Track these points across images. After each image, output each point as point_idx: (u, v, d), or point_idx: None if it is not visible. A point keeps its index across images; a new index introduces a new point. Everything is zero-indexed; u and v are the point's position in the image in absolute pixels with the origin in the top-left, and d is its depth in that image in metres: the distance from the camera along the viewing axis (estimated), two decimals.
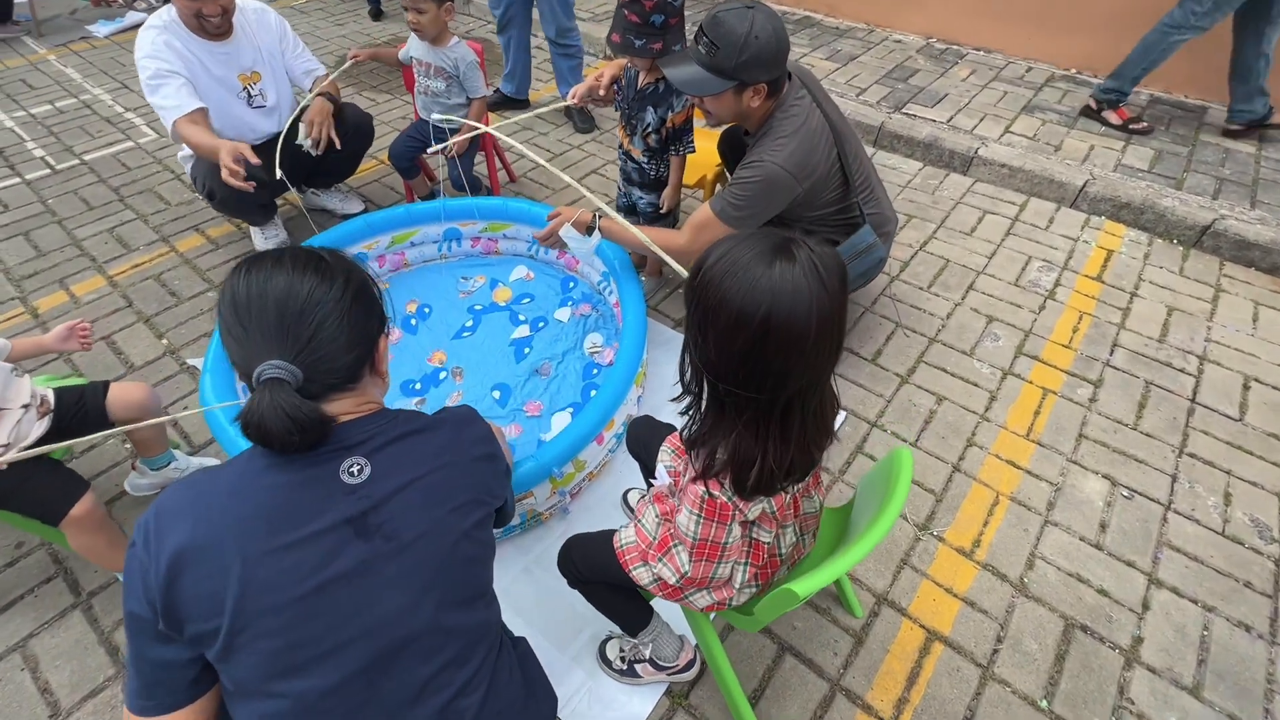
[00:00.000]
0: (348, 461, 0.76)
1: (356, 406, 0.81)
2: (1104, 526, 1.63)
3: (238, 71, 2.18)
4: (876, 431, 1.86)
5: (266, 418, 0.69)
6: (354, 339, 0.78)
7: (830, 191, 1.76)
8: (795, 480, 0.90)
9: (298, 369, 0.73)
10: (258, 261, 0.78)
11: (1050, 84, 3.47)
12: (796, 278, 0.72)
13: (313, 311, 0.75)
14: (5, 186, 2.90)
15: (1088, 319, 2.21)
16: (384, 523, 0.75)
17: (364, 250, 2.25)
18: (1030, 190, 2.81)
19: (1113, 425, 1.87)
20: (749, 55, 1.49)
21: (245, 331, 0.74)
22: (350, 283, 0.80)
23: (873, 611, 1.47)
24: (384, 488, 0.77)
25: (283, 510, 0.73)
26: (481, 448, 0.90)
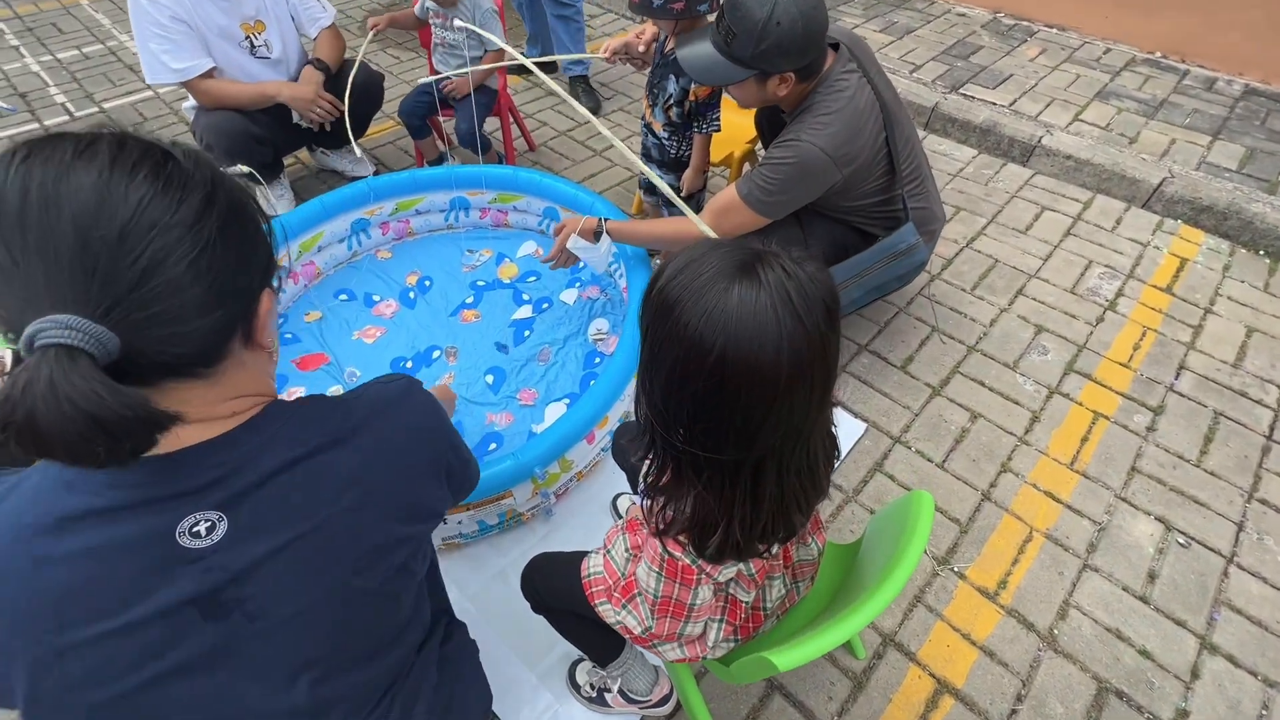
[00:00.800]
0: (189, 520, 0.52)
1: (212, 406, 0.53)
2: (1153, 577, 1.43)
3: (240, 20, 2.06)
4: (899, 448, 1.68)
5: (40, 412, 0.40)
6: (218, 292, 0.49)
7: (873, 180, 1.55)
8: (776, 543, 0.73)
9: (108, 332, 0.43)
10: (49, 146, 0.46)
11: (1130, 68, 3.13)
12: (760, 307, 0.55)
13: (143, 239, 0.45)
14: (24, 131, 2.87)
15: (1152, 336, 1.97)
16: (245, 598, 0.54)
17: (366, 216, 2.14)
18: (1097, 186, 2.54)
19: (1172, 460, 1.65)
20: (768, 44, 1.30)
21: (12, 259, 0.43)
22: (215, 200, 0.50)
23: (877, 653, 1.32)
24: (247, 554, 0.53)
25: (83, 591, 0.50)
26: (422, 450, 0.66)
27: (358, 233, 2.15)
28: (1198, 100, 2.87)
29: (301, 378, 1.79)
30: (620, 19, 3.84)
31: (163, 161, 0.48)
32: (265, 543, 0.54)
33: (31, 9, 4.03)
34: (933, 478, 1.62)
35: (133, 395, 0.43)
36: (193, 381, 0.52)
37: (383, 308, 2.00)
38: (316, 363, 1.83)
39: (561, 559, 1.03)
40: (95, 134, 0.48)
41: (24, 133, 2.86)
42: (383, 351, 1.86)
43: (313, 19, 2.22)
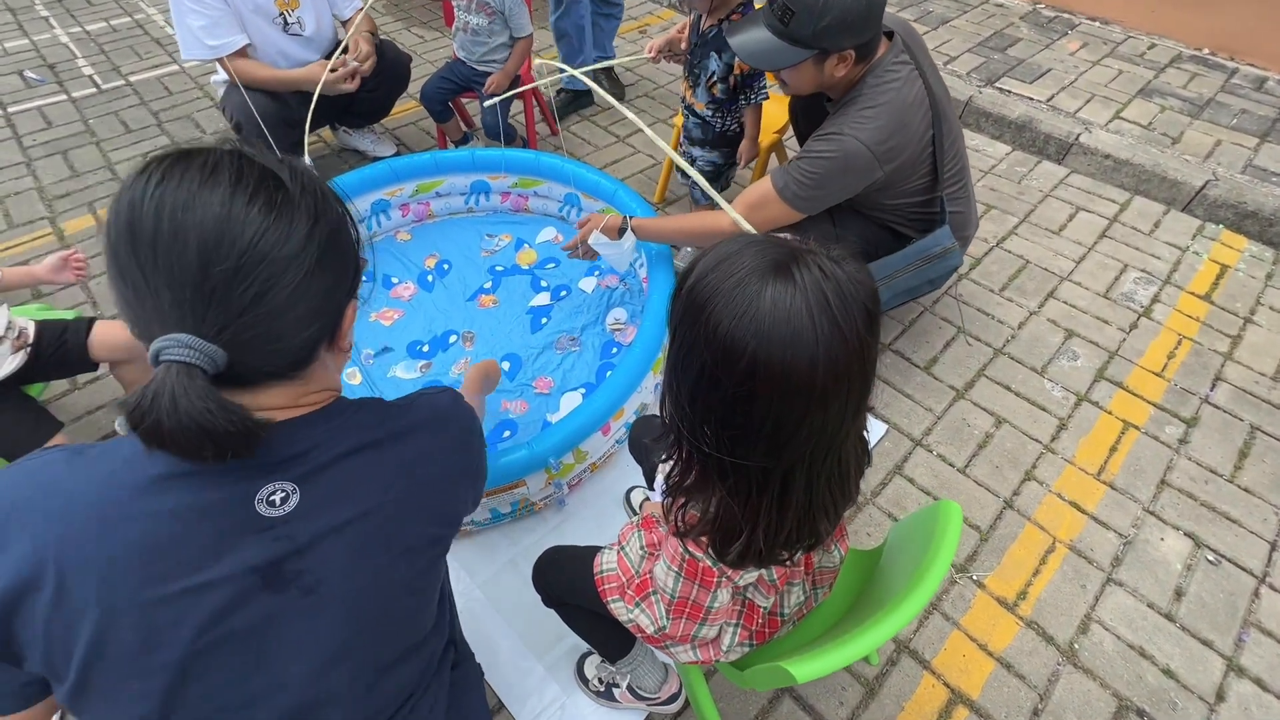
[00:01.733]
0: (269, 488, 0.56)
1: (297, 399, 0.60)
2: (1179, 594, 1.39)
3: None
4: (920, 451, 1.64)
5: (165, 419, 0.48)
6: (314, 310, 0.56)
7: (916, 180, 1.49)
8: (800, 550, 0.71)
9: (220, 350, 0.50)
10: (179, 170, 0.51)
11: (1176, 64, 3.01)
12: (795, 310, 0.52)
13: (256, 269, 0.50)
14: (52, 103, 2.89)
15: (1188, 345, 1.90)
16: (304, 571, 0.56)
17: (386, 197, 2.12)
18: (1136, 188, 2.45)
19: (1204, 474, 1.60)
20: (831, 18, 1.23)
21: (145, 280, 0.50)
22: (319, 226, 0.55)
23: (890, 659, 1.30)
24: (312, 527, 0.57)
25: (167, 549, 0.53)
26: (463, 457, 0.71)
27: (378, 214, 2.14)
28: (1246, 100, 2.75)
29: None
30: (647, 1, 3.77)
31: (275, 190, 0.53)
32: (329, 518, 0.58)
33: None
34: (954, 483, 1.58)
35: (237, 411, 0.50)
36: (287, 383, 0.59)
37: (401, 290, 1.99)
38: None
39: (574, 554, 1.01)
40: (219, 155, 0.53)
41: (51, 104, 2.88)
42: (400, 334, 1.86)
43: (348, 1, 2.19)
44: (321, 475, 0.59)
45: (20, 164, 2.54)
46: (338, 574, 0.58)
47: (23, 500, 0.54)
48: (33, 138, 2.67)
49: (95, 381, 1.77)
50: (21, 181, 2.45)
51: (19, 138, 2.67)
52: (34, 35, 3.41)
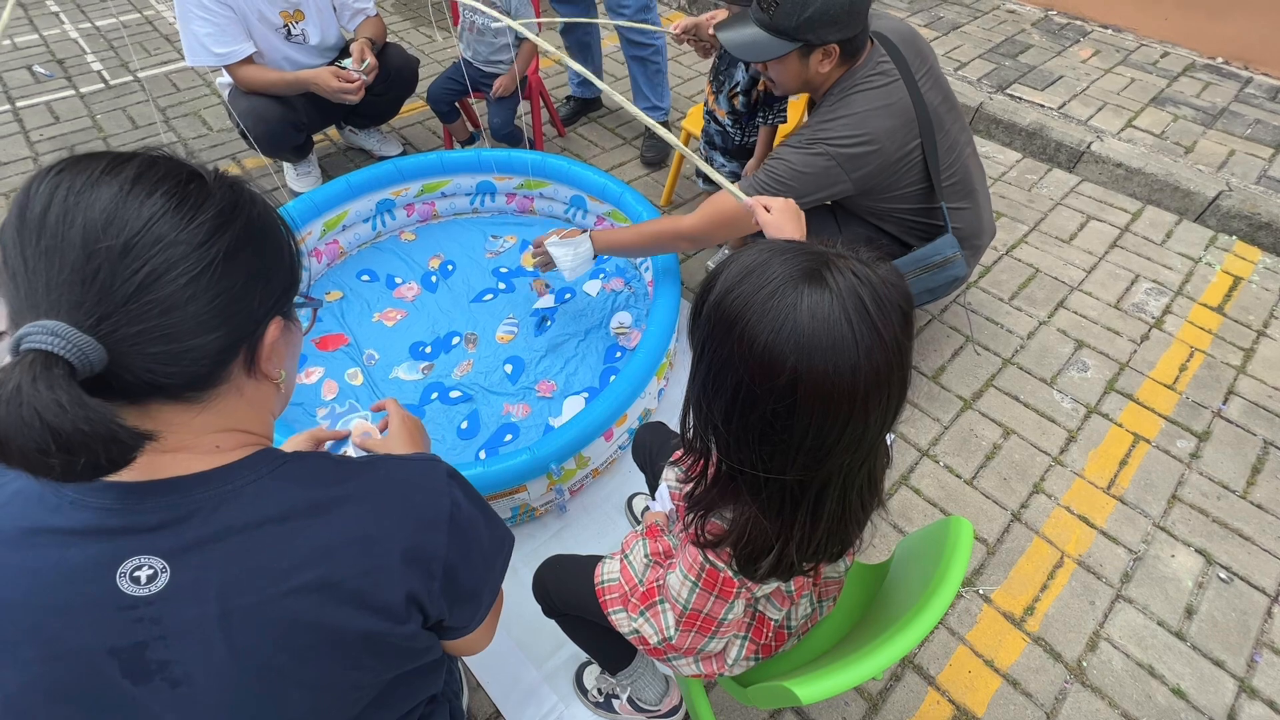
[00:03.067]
0: (132, 562, 0.47)
1: (198, 436, 0.50)
2: (1190, 612, 1.36)
3: (280, 8, 2.04)
4: (927, 462, 1.62)
5: (3, 415, 0.39)
6: (218, 312, 0.47)
7: (905, 188, 1.47)
8: (826, 561, 0.70)
9: (95, 343, 0.42)
10: (83, 163, 0.47)
11: (1189, 73, 2.98)
12: (834, 318, 0.50)
13: (147, 251, 0.44)
14: (60, 98, 2.89)
15: (1200, 357, 1.88)
16: (171, 662, 0.48)
17: (392, 197, 2.11)
18: (1148, 197, 2.42)
19: (1216, 489, 1.57)
20: (814, 9, 1.23)
21: (25, 264, 0.44)
22: (234, 220, 0.49)
23: (894, 675, 1.27)
24: (181, 614, 0.48)
25: (24, 614, 0.47)
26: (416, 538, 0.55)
27: (382, 213, 2.13)
28: (1261, 110, 2.72)
29: (321, 358, 1.78)
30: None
31: (186, 181, 0.48)
32: (205, 606, 0.48)
33: None
34: (961, 494, 1.56)
35: (97, 410, 0.41)
36: (181, 405, 0.49)
37: (404, 290, 1.98)
38: (336, 343, 1.82)
39: (575, 563, 0.99)
40: (131, 154, 0.48)
41: (60, 99, 2.88)
42: (403, 335, 1.84)
43: (355, 10, 2.19)
44: (201, 551, 0.48)
45: (27, 159, 2.54)
46: (212, 671, 0.48)
47: None
48: (40, 133, 2.68)
49: None
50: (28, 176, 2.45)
51: (26, 133, 2.67)
52: (44, 30, 3.42)
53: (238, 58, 1.97)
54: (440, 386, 1.72)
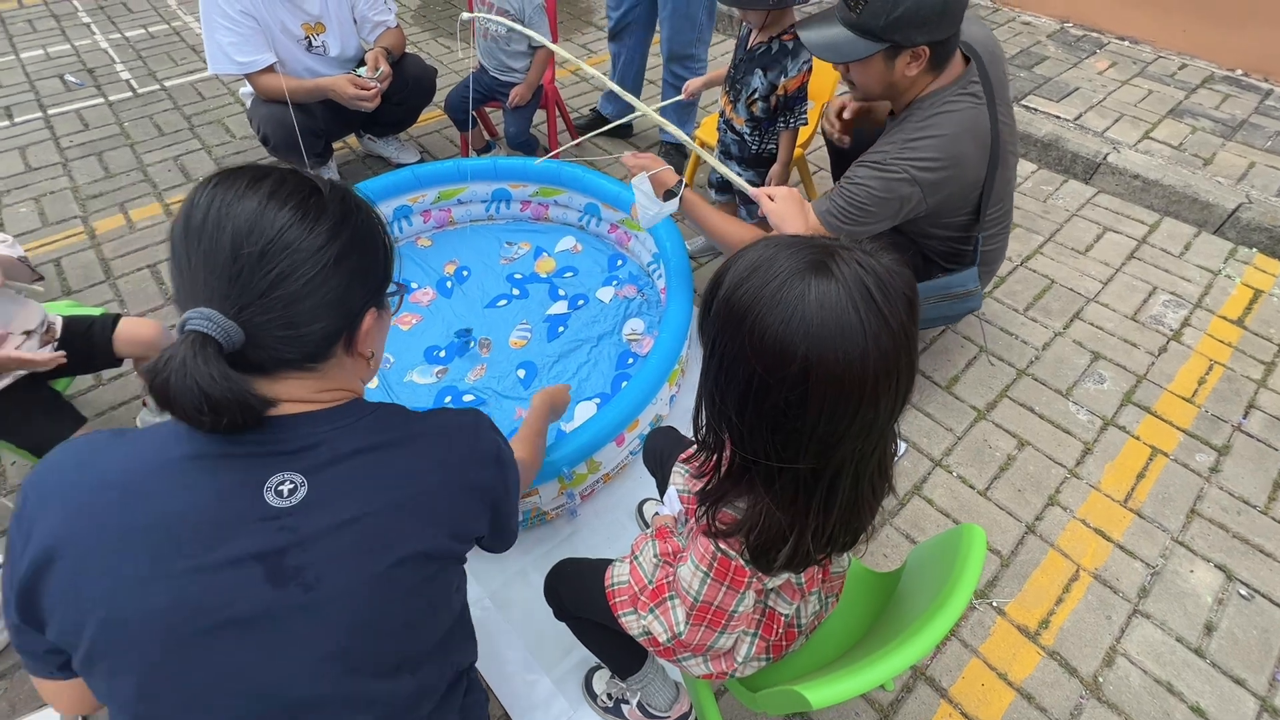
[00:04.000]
0: (278, 477, 0.58)
1: (315, 394, 0.63)
2: (1210, 629, 1.34)
3: (302, 20, 2.10)
4: (940, 472, 1.61)
5: (173, 381, 0.53)
6: (327, 304, 0.59)
7: (958, 215, 1.43)
8: (838, 551, 0.70)
9: (236, 327, 0.55)
10: (232, 176, 0.59)
11: (1208, 85, 2.96)
12: (841, 307, 0.52)
13: (278, 257, 0.56)
14: (89, 106, 2.97)
15: (1219, 370, 1.85)
16: (304, 567, 0.57)
17: (409, 203, 2.14)
18: (1166, 209, 2.40)
19: (1237, 505, 1.55)
20: (905, 8, 1.17)
21: (189, 261, 0.57)
22: (344, 229, 0.60)
23: (906, 686, 1.26)
24: (316, 522, 0.58)
25: (182, 524, 0.56)
26: (471, 473, 0.70)
27: (400, 219, 2.16)
28: None
29: None
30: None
31: (308, 195, 0.60)
32: (334, 513, 0.59)
33: None
34: (974, 505, 1.54)
35: (236, 382, 0.54)
36: (301, 373, 0.62)
37: (420, 295, 2.00)
38: None
39: (585, 566, 1.00)
40: (268, 169, 0.60)
41: (89, 107, 2.96)
42: (417, 339, 1.87)
43: (375, 23, 2.24)
44: (329, 470, 0.60)
45: (57, 164, 2.61)
46: (337, 572, 0.58)
47: (62, 478, 0.58)
48: (70, 139, 2.75)
49: (119, 378, 1.80)
50: (57, 181, 2.52)
51: (57, 139, 2.75)
52: (75, 41, 3.52)
53: (259, 67, 2.02)
54: (454, 390, 1.73)
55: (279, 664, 0.57)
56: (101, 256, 2.19)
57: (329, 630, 0.58)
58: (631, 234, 2.10)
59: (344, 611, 0.59)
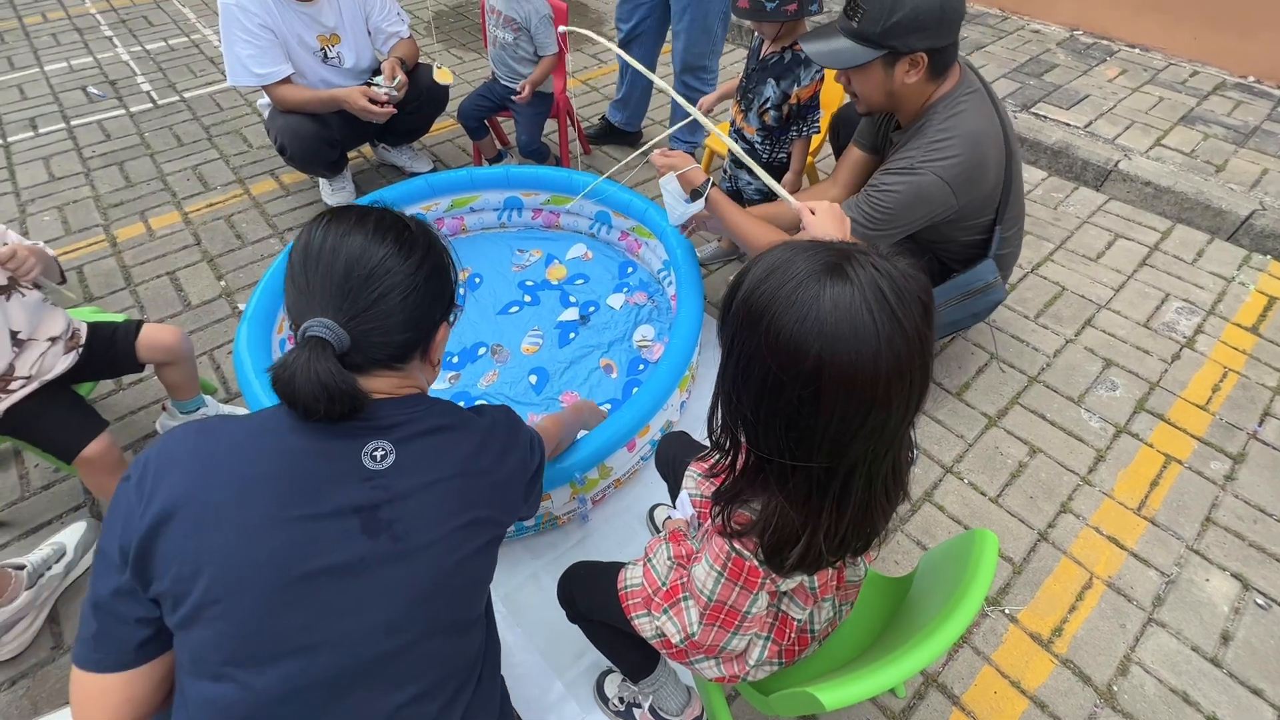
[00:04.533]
0: (373, 444, 0.70)
1: (397, 388, 0.76)
2: (1226, 638, 1.33)
3: (318, 33, 2.14)
4: (951, 479, 1.61)
5: (298, 377, 0.65)
6: (413, 318, 0.73)
7: (983, 216, 1.43)
8: (851, 554, 0.71)
9: (346, 334, 0.68)
10: (342, 214, 0.74)
11: (1219, 92, 2.95)
12: (855, 308, 0.53)
13: (380, 279, 0.70)
14: (111, 117, 3.04)
15: (1234, 378, 1.84)
16: (395, 521, 0.68)
17: (423, 211, 2.17)
18: (1178, 216, 2.39)
19: (1252, 513, 1.53)
20: (902, 14, 1.19)
21: (308, 281, 0.70)
22: (428, 259, 0.75)
23: (918, 693, 1.26)
24: (404, 483, 0.70)
25: (292, 479, 0.67)
26: (515, 461, 0.83)
27: None
28: None
29: None
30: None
31: (402, 230, 0.74)
32: (417, 477, 0.71)
33: (126, 2, 4.27)
34: (985, 512, 1.54)
35: (348, 378, 0.67)
36: (388, 371, 0.75)
37: None
38: None
39: (599, 569, 1.01)
40: (369, 209, 0.75)
41: (111, 118, 3.02)
42: None
43: (389, 34, 2.28)
44: (412, 442, 0.72)
45: (80, 174, 2.67)
46: (421, 527, 0.69)
47: (187, 449, 0.68)
48: (92, 149, 2.81)
49: (139, 383, 1.84)
50: (80, 190, 2.57)
51: (79, 149, 2.81)
52: (98, 54, 3.60)
53: (276, 78, 2.07)
54: (466, 396, 1.75)
55: (369, 612, 0.66)
56: (122, 264, 2.24)
57: (414, 581, 0.68)
58: (642, 241, 2.12)
59: (427, 563, 0.69)
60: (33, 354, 1.24)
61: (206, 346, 1.96)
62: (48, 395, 1.27)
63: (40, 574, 1.31)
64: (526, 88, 2.26)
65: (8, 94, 3.22)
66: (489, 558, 0.78)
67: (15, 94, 3.22)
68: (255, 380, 1.43)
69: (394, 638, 0.67)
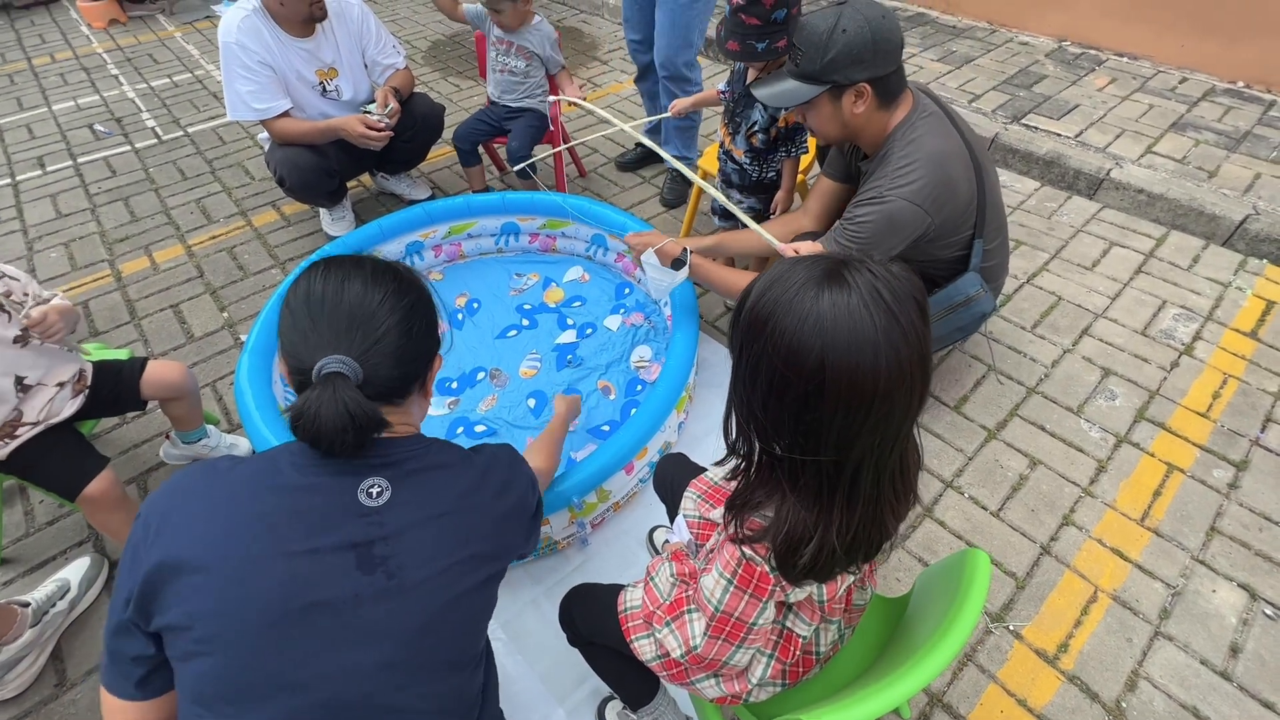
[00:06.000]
0: (369, 480, 0.73)
1: (397, 424, 0.78)
2: (1235, 651, 1.31)
3: (316, 67, 2.19)
4: (951, 493, 1.60)
5: (324, 411, 0.67)
6: (412, 353, 0.78)
7: (961, 233, 1.46)
8: (862, 559, 0.72)
9: (360, 368, 0.72)
10: (339, 263, 0.78)
11: (1209, 98, 2.97)
12: (853, 308, 0.57)
13: (383, 318, 0.75)
14: (117, 153, 3.10)
15: (1234, 384, 1.83)
16: (389, 557, 0.70)
17: (420, 239, 2.21)
18: (1172, 222, 2.40)
19: (1258, 521, 1.52)
20: (836, 51, 1.26)
21: (313, 324, 0.73)
22: (421, 300, 0.81)
23: (923, 713, 1.24)
24: (400, 518, 0.72)
25: (290, 515, 0.69)
26: (514, 498, 0.84)
27: (412, 254, 2.22)
28: None
29: None
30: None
31: (395, 276, 0.79)
32: (413, 513, 0.73)
33: (132, 41, 4.38)
34: (987, 527, 1.53)
35: (372, 405, 0.70)
36: (391, 406, 0.77)
37: None
38: None
39: (600, 590, 1.01)
40: (361, 257, 0.80)
41: (116, 154, 3.09)
42: None
43: (385, 66, 2.33)
44: (409, 479, 0.74)
45: (85, 210, 2.72)
46: (416, 563, 0.71)
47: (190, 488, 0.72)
48: (98, 185, 2.87)
49: (142, 417, 1.86)
50: (86, 226, 2.62)
51: (85, 186, 2.87)
52: (105, 92, 3.68)
53: (274, 113, 2.11)
54: (465, 421, 1.76)
55: (361, 649, 0.67)
56: (127, 298, 2.27)
57: (408, 618, 0.69)
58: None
59: (422, 601, 0.70)
60: (41, 399, 1.26)
61: (210, 378, 1.98)
62: (51, 436, 1.29)
63: (45, 611, 1.32)
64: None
65: (16, 134, 3.29)
66: (487, 595, 0.79)
67: (24, 133, 3.29)
68: (256, 412, 1.45)
69: (388, 675, 0.67)
